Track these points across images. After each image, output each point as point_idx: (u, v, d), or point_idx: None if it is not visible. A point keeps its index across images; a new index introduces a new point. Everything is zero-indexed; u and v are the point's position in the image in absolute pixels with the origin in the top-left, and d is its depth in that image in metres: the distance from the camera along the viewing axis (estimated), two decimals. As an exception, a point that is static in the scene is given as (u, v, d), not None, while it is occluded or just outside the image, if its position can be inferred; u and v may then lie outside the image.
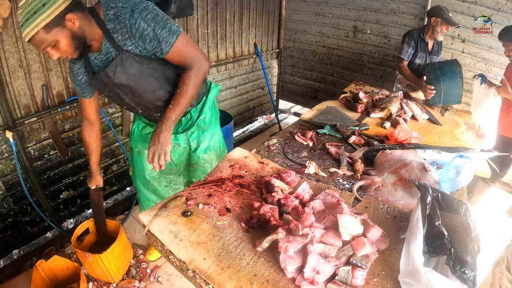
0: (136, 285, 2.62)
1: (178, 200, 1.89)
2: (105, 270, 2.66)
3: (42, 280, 2.54)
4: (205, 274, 1.49)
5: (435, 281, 1.35)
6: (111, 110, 4.12)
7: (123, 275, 2.88)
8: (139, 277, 2.91)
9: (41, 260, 2.57)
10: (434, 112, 3.86)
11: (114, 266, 2.68)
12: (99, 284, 2.70)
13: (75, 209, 4.20)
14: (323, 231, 1.63)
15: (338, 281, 1.47)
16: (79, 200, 4.20)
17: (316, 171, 2.33)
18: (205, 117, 2.69)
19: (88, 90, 2.36)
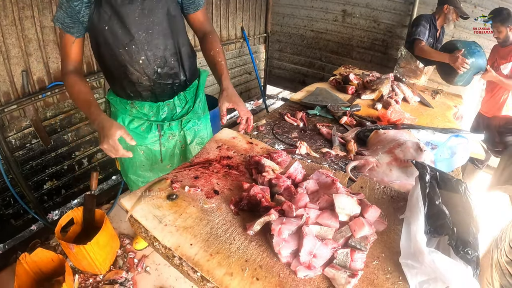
0: (123, 276, 2.55)
1: (162, 183, 1.79)
2: (91, 261, 2.52)
3: (26, 274, 2.45)
4: (193, 261, 1.39)
5: (439, 262, 1.28)
6: (94, 96, 3.96)
7: (110, 266, 2.79)
8: (126, 268, 2.80)
9: (24, 254, 2.48)
10: (425, 95, 3.85)
11: (99, 257, 2.58)
12: (86, 276, 2.62)
13: (60, 200, 4.09)
14: (318, 212, 1.54)
15: (336, 265, 1.38)
16: (64, 190, 4.09)
17: (308, 151, 2.27)
18: (201, 101, 2.59)
19: (79, 27, 2.00)
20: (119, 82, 2.27)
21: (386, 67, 5.64)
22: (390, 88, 3.57)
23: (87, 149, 4.16)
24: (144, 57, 2.13)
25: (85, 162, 4.20)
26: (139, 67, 2.15)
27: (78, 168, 4.14)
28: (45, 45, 3.30)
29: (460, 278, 1.25)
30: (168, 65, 2.24)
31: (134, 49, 2.08)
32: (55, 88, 3.50)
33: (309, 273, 1.35)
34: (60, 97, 3.58)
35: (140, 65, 2.14)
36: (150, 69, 2.19)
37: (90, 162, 4.27)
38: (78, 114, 3.86)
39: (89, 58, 3.75)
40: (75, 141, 3.95)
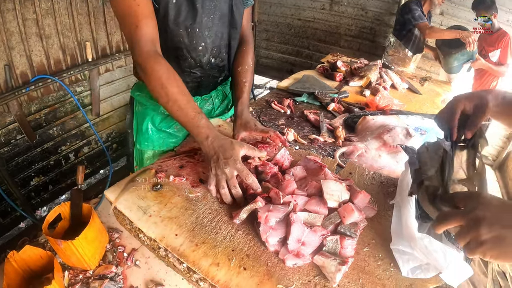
0: (113, 270, 2.49)
1: (147, 174, 1.73)
2: (80, 257, 2.43)
3: (15, 272, 2.38)
4: (178, 251, 1.34)
5: (432, 247, 1.25)
6: (79, 89, 3.97)
7: (99, 260, 2.73)
8: (116, 262, 2.73)
9: (12, 252, 2.42)
10: (413, 82, 3.84)
11: (88, 252, 2.50)
12: (75, 272, 2.55)
13: (48, 196, 4.09)
14: (306, 199, 1.50)
15: (326, 252, 1.34)
16: (51, 186, 4.09)
17: (295, 138, 2.23)
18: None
19: None
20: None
21: (374, 55, 5.64)
22: (378, 75, 3.55)
23: (73, 143, 4.14)
24: (204, 44, 1.93)
25: (72, 156, 4.18)
26: (196, 54, 1.95)
27: (65, 163, 4.12)
28: (28, 38, 3.26)
29: (453, 263, 1.22)
30: (220, 56, 2.07)
31: (196, 33, 1.87)
32: (38, 82, 3.47)
33: (298, 262, 1.31)
34: (44, 90, 3.57)
35: (197, 52, 1.94)
36: (205, 58, 2.00)
37: (76, 157, 4.25)
38: (63, 107, 3.84)
39: (72, 50, 3.67)
40: (60, 135, 3.93)
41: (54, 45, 3.51)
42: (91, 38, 3.84)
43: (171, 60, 1.81)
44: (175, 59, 1.92)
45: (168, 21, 1.75)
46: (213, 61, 2.04)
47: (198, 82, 2.10)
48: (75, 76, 3.84)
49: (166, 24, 1.75)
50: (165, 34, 1.78)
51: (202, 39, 1.90)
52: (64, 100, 3.82)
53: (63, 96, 3.80)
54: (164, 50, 1.77)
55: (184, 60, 1.94)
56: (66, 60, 3.70)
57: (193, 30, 1.83)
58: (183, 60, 1.94)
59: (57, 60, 3.61)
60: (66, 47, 3.64)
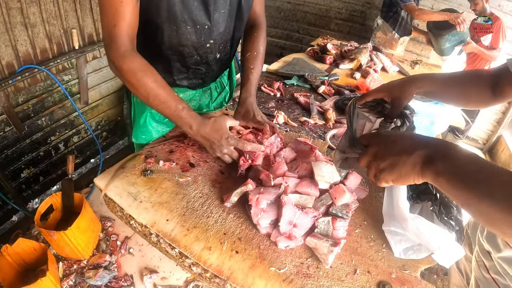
0: (107, 259, 2.48)
1: (136, 159, 1.70)
2: (73, 247, 2.41)
3: (9, 266, 2.36)
4: (169, 237, 1.33)
5: (424, 228, 1.25)
6: (67, 78, 3.87)
7: (93, 250, 2.72)
8: (109, 251, 2.72)
9: (5, 245, 2.39)
10: (404, 65, 3.85)
11: (81, 242, 2.48)
12: (70, 263, 2.53)
13: (39, 188, 4.01)
14: (297, 181, 1.48)
15: (318, 234, 1.34)
16: (42, 177, 4.01)
17: (286, 121, 2.22)
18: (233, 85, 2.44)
19: None
20: (164, 66, 1.88)
21: (364, 38, 5.61)
22: (369, 58, 3.54)
23: (62, 133, 4.06)
24: (212, 41, 1.84)
25: (62, 146, 4.10)
26: (203, 51, 1.85)
27: (55, 153, 4.05)
28: (12, 27, 3.17)
29: (445, 244, 1.23)
30: (225, 50, 1.99)
31: (206, 30, 1.76)
32: (25, 72, 3.37)
33: (290, 244, 1.31)
34: (31, 80, 3.47)
35: (205, 49, 1.85)
36: (213, 54, 1.91)
37: (66, 146, 4.17)
38: (51, 97, 3.75)
39: (59, 38, 3.62)
40: (49, 125, 3.84)
41: (40, 33, 3.42)
42: (77, 25, 3.74)
43: (174, 57, 1.82)
44: (179, 56, 1.83)
45: (175, 18, 1.64)
46: (218, 56, 1.96)
47: (202, 78, 2.04)
48: (62, 65, 3.75)
49: (171, 21, 1.64)
50: (170, 31, 1.69)
51: (211, 36, 1.80)
52: (51, 90, 3.73)
53: (51, 86, 3.71)
54: (167, 47, 1.75)
55: (190, 58, 1.85)
56: (52, 48, 3.61)
57: (202, 27, 1.73)
58: (189, 58, 1.85)
59: (43, 49, 3.53)
60: (52, 35, 3.54)
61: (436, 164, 0.87)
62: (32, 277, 2.24)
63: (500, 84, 1.37)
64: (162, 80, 1.59)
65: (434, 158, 0.88)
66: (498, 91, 1.39)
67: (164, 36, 1.69)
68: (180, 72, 1.93)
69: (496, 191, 0.76)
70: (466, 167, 0.83)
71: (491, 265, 1.47)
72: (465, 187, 0.81)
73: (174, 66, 1.88)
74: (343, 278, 1.24)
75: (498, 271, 1.43)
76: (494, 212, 0.76)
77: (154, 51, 1.77)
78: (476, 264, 1.56)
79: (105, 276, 1.61)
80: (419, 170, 0.90)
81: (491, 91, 1.41)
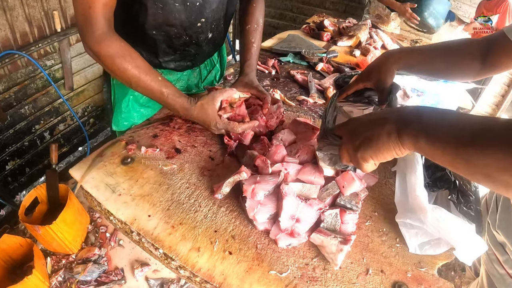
0: (96, 252, 2.41)
1: (116, 146, 1.53)
2: (60, 241, 2.36)
3: (-5, 263, 2.29)
4: (152, 236, 1.17)
5: (445, 221, 1.11)
6: (49, 62, 3.73)
7: (82, 243, 2.64)
8: (99, 244, 2.63)
9: (-10, 242, 2.31)
10: (404, 43, 3.74)
11: (68, 235, 2.42)
12: (58, 258, 2.48)
13: (25, 180, 3.92)
14: (298, 167, 1.31)
15: (324, 229, 1.17)
16: (28, 168, 3.91)
17: (282, 99, 2.05)
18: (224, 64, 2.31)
19: None
20: (148, 48, 1.74)
21: (360, 17, 5.49)
22: (368, 35, 3.41)
23: (47, 121, 3.95)
24: (204, 20, 1.68)
25: (47, 135, 4.00)
26: (193, 31, 1.69)
27: (40, 143, 3.96)
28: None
29: (466, 238, 1.10)
30: (218, 29, 1.84)
31: (197, 8, 1.60)
32: (5, 58, 3.25)
33: (292, 242, 1.15)
34: (12, 67, 3.35)
35: (196, 28, 1.69)
36: (204, 34, 1.76)
37: (52, 135, 4.07)
38: (34, 84, 3.63)
39: (39, 21, 3.44)
40: (33, 113, 3.74)
41: (19, 17, 3.29)
42: (58, 6, 3.60)
43: (159, 38, 1.66)
44: (165, 37, 1.67)
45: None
46: (210, 36, 1.80)
47: (191, 60, 1.89)
48: (44, 49, 3.62)
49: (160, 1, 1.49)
50: (155, 9, 1.52)
51: (202, 14, 1.64)
52: (34, 76, 3.62)
53: (33, 72, 3.59)
54: (151, 27, 1.59)
55: (178, 39, 1.69)
56: (33, 32, 3.48)
57: (192, 4, 1.57)
58: (177, 39, 1.69)
59: (23, 33, 3.40)
60: (32, 18, 3.41)
61: (411, 125, 0.83)
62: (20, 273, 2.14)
63: (492, 53, 1.28)
64: (144, 64, 1.44)
65: (408, 120, 0.85)
66: (489, 61, 1.30)
67: (148, 14, 1.52)
68: (166, 54, 1.77)
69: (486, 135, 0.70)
70: (443, 120, 0.80)
71: (505, 259, 1.34)
72: (448, 140, 0.75)
73: (160, 47, 1.71)
74: (354, 280, 1.09)
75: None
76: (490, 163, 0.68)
77: (137, 31, 1.61)
78: (488, 258, 1.43)
79: (95, 270, 1.53)
80: (396, 137, 0.86)
81: (479, 61, 1.32)
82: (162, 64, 1.80)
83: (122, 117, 1.91)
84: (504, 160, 0.64)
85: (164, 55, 1.77)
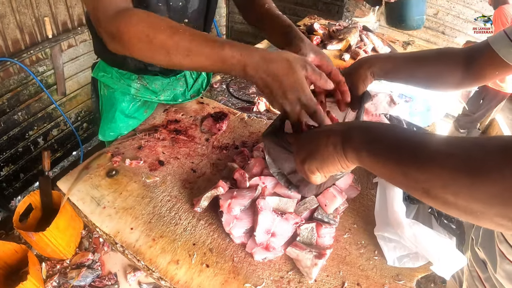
0: (90, 257, 2.43)
1: (102, 158, 1.54)
2: (54, 247, 2.43)
3: (-9, 269, 2.31)
4: (133, 248, 1.18)
5: (422, 236, 1.11)
6: (41, 69, 3.74)
7: (76, 249, 2.66)
8: (92, 249, 2.66)
9: (-15, 249, 2.33)
10: (395, 46, 3.68)
11: (62, 241, 2.46)
12: (53, 263, 2.50)
13: (20, 185, 3.93)
14: (276, 180, 1.30)
15: (300, 243, 1.17)
16: (22, 174, 3.92)
17: (267, 107, 2.05)
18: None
19: None
20: None
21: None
22: (359, 38, 3.37)
23: (40, 127, 3.95)
24: (187, 20, 1.61)
25: (41, 141, 4.01)
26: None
27: (34, 149, 3.97)
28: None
29: (445, 253, 1.10)
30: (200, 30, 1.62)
31: (179, 8, 1.56)
32: (-5, 63, 3.24)
33: (268, 255, 1.15)
34: (4, 74, 3.36)
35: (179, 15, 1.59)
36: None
37: (46, 141, 4.07)
38: (26, 90, 3.63)
39: (31, 28, 3.45)
40: (26, 119, 3.74)
41: (10, 24, 3.29)
42: (49, 13, 3.60)
43: None
44: None
45: None
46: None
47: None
48: (36, 56, 3.63)
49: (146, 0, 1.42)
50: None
51: (185, 14, 1.60)
52: (26, 82, 3.62)
53: (25, 78, 3.60)
54: None
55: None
56: (24, 39, 3.49)
57: (175, 4, 1.53)
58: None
59: (15, 40, 3.40)
60: (24, 25, 3.41)
61: (355, 138, 0.82)
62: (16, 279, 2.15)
63: (476, 63, 1.27)
64: (177, 24, 1.14)
65: (352, 134, 0.83)
66: (472, 71, 1.29)
67: None
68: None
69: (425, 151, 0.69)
70: (386, 133, 0.80)
71: (486, 276, 1.33)
72: (389, 155, 0.75)
73: None
74: None
75: (495, 285, 1.28)
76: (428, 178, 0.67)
77: None
78: (470, 274, 1.42)
79: (89, 275, 1.58)
80: (340, 149, 0.84)
81: (462, 71, 1.31)
82: (148, 67, 1.76)
83: (109, 127, 1.89)
84: (441, 177, 0.64)
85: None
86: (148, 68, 1.76)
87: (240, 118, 1.84)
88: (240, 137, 1.69)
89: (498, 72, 1.25)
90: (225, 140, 1.68)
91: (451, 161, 0.64)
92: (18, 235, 3.19)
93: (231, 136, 1.70)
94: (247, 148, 1.56)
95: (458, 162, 0.63)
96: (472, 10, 5.23)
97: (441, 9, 5.27)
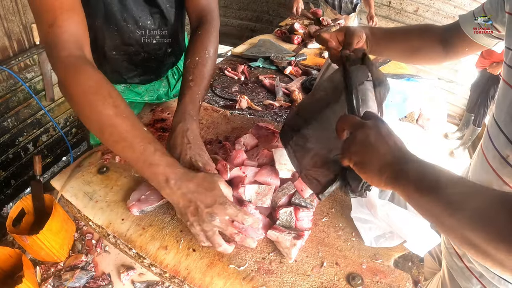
0: (83, 259, 2.47)
1: (93, 157, 1.63)
2: (48, 250, 2.40)
3: (-15, 275, 2.34)
4: (125, 237, 1.26)
5: (394, 216, 1.17)
6: (30, 75, 3.77)
7: (69, 251, 2.69)
8: (85, 251, 2.68)
9: (-21, 255, 2.36)
10: None
11: (55, 244, 2.46)
12: (47, 266, 2.52)
13: (12, 191, 3.94)
14: (256, 169, 1.39)
15: (280, 226, 1.24)
16: (13, 180, 3.94)
17: (249, 105, 2.12)
18: None
19: None
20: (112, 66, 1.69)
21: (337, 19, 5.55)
22: (339, 36, 3.42)
23: (30, 133, 3.98)
24: (159, 36, 1.65)
25: (30, 147, 4.02)
26: (151, 48, 1.68)
27: (24, 155, 3.98)
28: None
29: (418, 231, 1.16)
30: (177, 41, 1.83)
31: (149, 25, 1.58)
32: (-16, 71, 3.26)
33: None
34: (-7, 82, 3.36)
35: (153, 45, 1.68)
36: (162, 50, 1.73)
37: (35, 146, 4.10)
38: (15, 97, 3.66)
39: (18, 35, 3.49)
40: (16, 126, 3.76)
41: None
42: (36, 20, 3.61)
43: (120, 58, 1.66)
44: (124, 56, 1.66)
45: (113, 18, 1.46)
46: (170, 50, 1.78)
47: (154, 73, 1.90)
48: (24, 62, 3.66)
49: (111, 21, 1.46)
50: (110, 32, 1.51)
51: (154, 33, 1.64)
52: (15, 89, 3.65)
53: (14, 85, 3.63)
54: (110, 48, 1.59)
55: (137, 55, 1.67)
56: (12, 46, 3.52)
57: (145, 24, 1.55)
58: (136, 56, 1.67)
59: (3, 47, 3.43)
60: (11, 32, 3.45)
61: (403, 178, 0.82)
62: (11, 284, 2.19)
63: (451, 40, 1.36)
64: (123, 104, 1.15)
65: (407, 172, 0.82)
66: (449, 48, 1.38)
67: (105, 37, 1.54)
68: (129, 71, 1.78)
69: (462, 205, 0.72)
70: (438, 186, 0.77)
71: (463, 253, 1.39)
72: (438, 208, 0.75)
73: (121, 65, 1.72)
74: (309, 272, 1.17)
75: (472, 259, 1.35)
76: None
77: (97, 51, 1.52)
78: (447, 252, 1.48)
79: (83, 277, 1.60)
80: (385, 178, 0.85)
81: (441, 47, 1.39)
82: (127, 80, 1.82)
83: None
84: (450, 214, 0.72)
85: (127, 72, 1.78)
86: (128, 81, 1.84)
87: (223, 115, 1.90)
88: (223, 132, 1.76)
89: (468, 48, 1.33)
90: (209, 135, 1.74)
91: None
92: (12, 241, 3.20)
93: (214, 132, 1.77)
94: (229, 142, 1.63)
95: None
96: (451, 5, 5.27)
97: (421, 6, 5.32)
